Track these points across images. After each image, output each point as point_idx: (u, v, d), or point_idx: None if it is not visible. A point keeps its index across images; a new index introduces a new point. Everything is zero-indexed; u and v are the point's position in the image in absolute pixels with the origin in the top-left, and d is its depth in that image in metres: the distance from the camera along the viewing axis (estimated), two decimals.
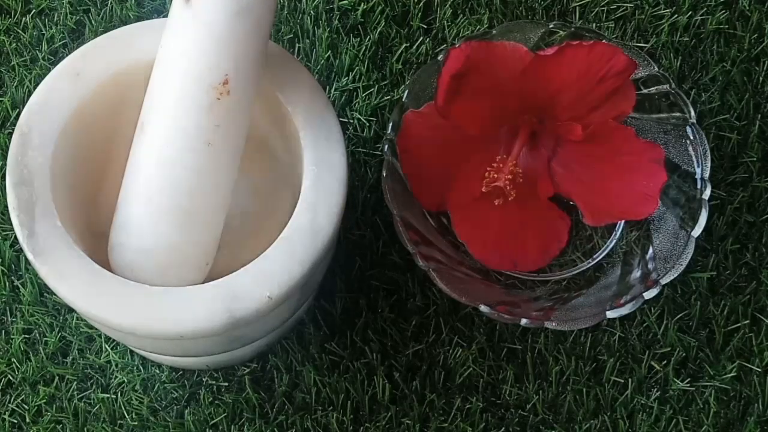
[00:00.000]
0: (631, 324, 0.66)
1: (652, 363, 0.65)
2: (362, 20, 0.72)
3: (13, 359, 0.64)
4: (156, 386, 0.64)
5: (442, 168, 0.66)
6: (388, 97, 0.70)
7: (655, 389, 0.65)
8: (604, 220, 0.67)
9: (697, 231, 0.64)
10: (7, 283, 0.66)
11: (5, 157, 0.57)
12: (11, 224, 0.54)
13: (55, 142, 0.54)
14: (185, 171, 0.53)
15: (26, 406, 0.64)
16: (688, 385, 0.65)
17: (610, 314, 0.62)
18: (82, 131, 0.56)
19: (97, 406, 0.64)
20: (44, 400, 0.64)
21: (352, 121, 0.70)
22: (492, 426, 0.64)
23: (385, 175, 0.64)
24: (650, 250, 0.65)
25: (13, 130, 0.55)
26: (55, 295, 0.61)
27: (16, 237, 0.57)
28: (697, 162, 0.65)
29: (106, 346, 0.65)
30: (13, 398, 0.64)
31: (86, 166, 0.58)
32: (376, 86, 0.71)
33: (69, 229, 0.54)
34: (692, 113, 0.65)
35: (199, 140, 0.53)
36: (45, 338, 0.65)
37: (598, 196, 0.66)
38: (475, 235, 0.67)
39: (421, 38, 0.72)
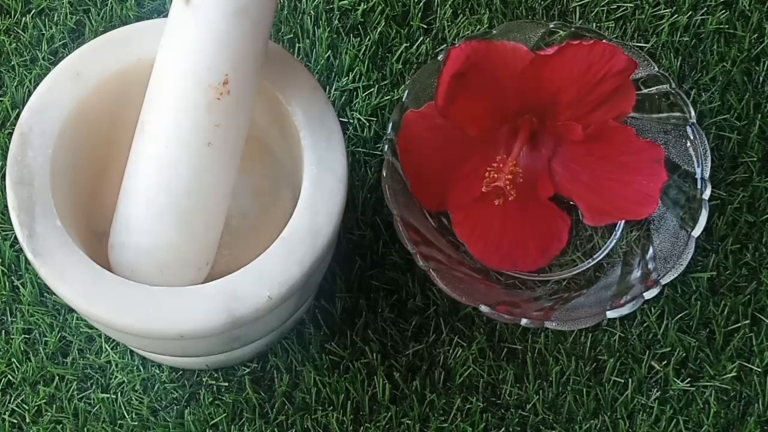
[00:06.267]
0: (631, 324, 0.66)
1: (652, 363, 0.65)
2: (362, 20, 0.72)
3: (13, 359, 0.64)
4: (156, 386, 0.64)
5: (442, 168, 0.66)
6: (388, 97, 0.70)
7: (655, 389, 0.65)
8: (604, 220, 0.67)
9: (697, 231, 0.64)
10: (7, 283, 0.66)
11: (5, 157, 0.57)
12: (11, 224, 0.54)
13: (55, 142, 0.54)
14: (185, 171, 0.53)
15: (26, 406, 0.64)
16: (688, 385, 0.65)
17: (610, 314, 0.62)
18: (82, 131, 0.56)
19: (97, 406, 0.64)
20: (44, 400, 0.64)
21: (352, 121, 0.70)
22: (492, 426, 0.64)
23: (385, 175, 0.64)
24: (650, 250, 0.65)
25: (13, 130, 0.55)
26: (55, 295, 0.61)
27: (16, 237, 0.57)
28: (697, 162, 0.65)
29: (106, 346, 0.65)
30: (13, 398, 0.64)
31: (86, 166, 0.58)
32: (376, 86, 0.71)
33: (69, 229, 0.54)
34: (692, 113, 0.65)
35: (198, 140, 0.53)
36: (45, 338, 0.65)
37: (598, 196, 0.66)
38: (475, 235, 0.67)
39: (421, 38, 0.72)
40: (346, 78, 0.71)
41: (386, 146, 0.65)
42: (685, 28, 0.73)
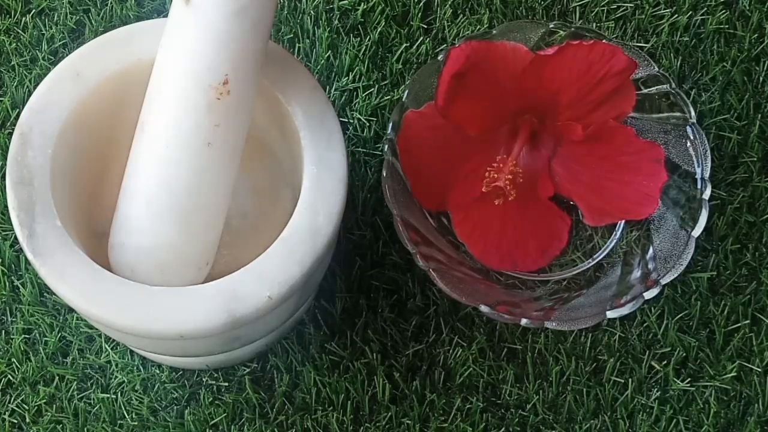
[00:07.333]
0: (631, 324, 0.66)
1: (653, 363, 0.65)
2: (362, 20, 0.72)
3: (13, 359, 0.64)
4: (156, 386, 0.64)
5: (442, 168, 0.66)
6: (388, 97, 0.70)
7: (655, 389, 0.65)
8: (604, 220, 0.67)
9: (697, 231, 0.64)
10: (7, 283, 0.66)
11: (5, 157, 0.57)
12: (11, 224, 0.54)
13: (55, 142, 0.54)
14: (185, 171, 0.53)
15: (26, 406, 0.64)
16: (689, 385, 0.65)
17: (610, 314, 0.62)
18: (82, 131, 0.56)
19: (97, 406, 0.64)
20: (44, 400, 0.64)
21: (352, 121, 0.70)
22: (492, 426, 0.64)
23: (385, 175, 0.64)
24: (650, 250, 0.65)
25: (13, 130, 0.55)
26: (55, 295, 0.61)
27: (16, 237, 0.57)
28: (698, 162, 0.65)
29: (106, 346, 0.65)
30: (13, 398, 0.64)
31: (86, 166, 0.58)
32: (376, 86, 0.71)
33: (69, 229, 0.54)
34: (692, 113, 0.65)
35: (198, 140, 0.53)
36: (45, 338, 0.65)
37: (598, 196, 0.66)
38: (475, 235, 0.67)
39: (421, 38, 0.72)
40: (346, 78, 0.71)
41: (386, 146, 0.65)
42: (685, 28, 0.73)
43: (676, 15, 0.73)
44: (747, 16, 0.73)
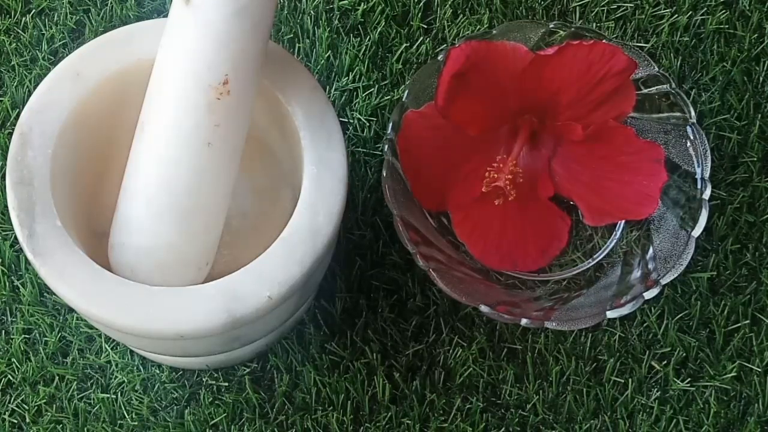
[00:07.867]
0: (631, 324, 0.66)
1: (653, 363, 0.65)
2: (362, 20, 0.72)
3: (13, 359, 0.64)
4: (156, 386, 0.64)
5: (442, 168, 0.66)
6: (388, 97, 0.70)
7: (655, 389, 0.65)
8: (604, 220, 0.67)
9: (698, 231, 0.64)
10: (7, 283, 0.66)
11: (5, 157, 0.57)
12: (11, 224, 0.54)
13: (55, 142, 0.54)
14: (185, 171, 0.53)
15: (26, 406, 0.64)
16: (689, 385, 0.65)
17: (610, 314, 0.62)
18: (82, 131, 0.56)
19: (97, 406, 0.64)
20: (44, 400, 0.64)
21: (352, 121, 0.70)
22: (492, 426, 0.64)
23: (385, 175, 0.64)
24: (650, 250, 0.65)
25: (13, 130, 0.55)
26: (55, 295, 0.61)
27: (16, 237, 0.57)
28: (698, 162, 0.65)
29: (106, 346, 0.65)
30: (13, 398, 0.64)
31: (86, 166, 0.58)
32: (376, 86, 0.71)
33: (69, 229, 0.54)
34: (692, 113, 0.65)
35: (198, 140, 0.53)
36: (45, 338, 0.65)
37: (598, 196, 0.66)
38: (475, 235, 0.67)
39: (421, 38, 0.72)
40: (346, 78, 0.71)
41: (386, 146, 0.65)
42: (685, 28, 0.73)
43: (676, 15, 0.73)
44: (747, 16, 0.73)
